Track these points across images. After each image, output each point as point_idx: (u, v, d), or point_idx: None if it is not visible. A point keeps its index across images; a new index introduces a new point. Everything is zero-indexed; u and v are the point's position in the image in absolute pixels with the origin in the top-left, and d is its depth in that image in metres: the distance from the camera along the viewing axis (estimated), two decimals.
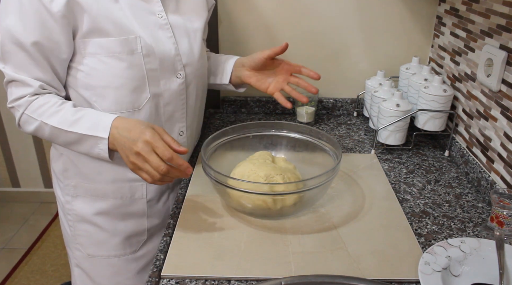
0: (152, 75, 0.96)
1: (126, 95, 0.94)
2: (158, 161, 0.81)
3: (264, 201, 0.91)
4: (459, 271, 0.79)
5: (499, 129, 1.03)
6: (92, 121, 0.90)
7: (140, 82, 0.94)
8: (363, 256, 0.85)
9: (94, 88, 0.93)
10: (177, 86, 1.01)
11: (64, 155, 1.04)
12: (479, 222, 0.97)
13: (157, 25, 0.96)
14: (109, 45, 0.90)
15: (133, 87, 0.94)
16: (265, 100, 1.54)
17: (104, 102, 0.94)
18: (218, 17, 1.44)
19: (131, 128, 0.85)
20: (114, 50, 0.90)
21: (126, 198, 1.06)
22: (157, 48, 0.95)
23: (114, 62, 0.91)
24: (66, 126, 0.89)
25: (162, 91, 0.98)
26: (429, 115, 1.23)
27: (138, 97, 0.96)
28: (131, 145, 0.83)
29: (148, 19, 0.95)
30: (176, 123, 1.05)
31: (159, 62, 0.96)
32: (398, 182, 1.12)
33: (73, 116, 0.90)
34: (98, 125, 0.89)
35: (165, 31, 0.97)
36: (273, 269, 0.81)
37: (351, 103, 1.54)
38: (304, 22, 1.44)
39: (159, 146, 0.81)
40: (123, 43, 0.91)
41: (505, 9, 1.01)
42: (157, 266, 0.82)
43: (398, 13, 1.42)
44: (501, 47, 1.02)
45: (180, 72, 1.00)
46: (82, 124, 0.89)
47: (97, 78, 0.92)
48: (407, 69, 1.38)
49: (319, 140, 1.08)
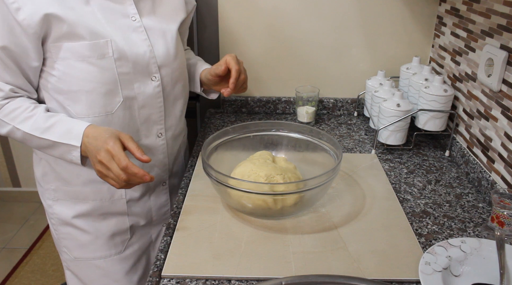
0: (124, 79, 0.95)
1: (98, 99, 0.93)
2: (118, 169, 0.84)
3: (264, 201, 0.91)
4: (460, 271, 0.79)
5: (499, 129, 1.03)
6: (64, 128, 0.90)
7: (112, 86, 0.93)
8: (364, 256, 0.85)
9: (67, 93, 0.92)
10: (152, 89, 0.99)
11: (43, 160, 1.04)
12: (480, 222, 0.97)
13: (130, 28, 0.95)
14: (79, 49, 0.89)
15: (104, 91, 0.93)
16: (266, 100, 1.54)
17: (77, 106, 0.93)
18: (219, 18, 1.44)
19: (97, 136, 0.87)
20: (84, 54, 0.89)
21: (105, 199, 1.06)
22: (129, 51, 0.94)
23: (85, 67, 0.90)
24: (38, 133, 0.90)
25: (136, 94, 0.97)
26: (430, 115, 1.23)
27: (111, 101, 0.95)
28: (95, 154, 0.86)
29: (120, 22, 0.94)
30: (154, 126, 1.04)
31: (132, 65, 0.95)
32: (399, 182, 1.12)
33: (45, 122, 0.90)
34: (71, 133, 0.89)
35: (139, 34, 0.96)
36: (273, 269, 0.81)
37: (351, 103, 1.54)
38: (305, 22, 1.44)
39: (115, 155, 0.84)
40: (93, 47, 0.89)
41: (505, 9, 1.01)
42: (157, 266, 0.82)
43: (399, 13, 1.42)
44: (501, 47, 1.02)
45: (155, 75, 0.99)
46: (54, 131, 0.90)
47: (68, 83, 0.91)
48: (407, 69, 1.38)
49: (319, 140, 1.08)
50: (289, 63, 1.50)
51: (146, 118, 1.02)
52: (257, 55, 1.49)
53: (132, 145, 0.87)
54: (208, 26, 1.46)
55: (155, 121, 1.04)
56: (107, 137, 0.86)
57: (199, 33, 1.48)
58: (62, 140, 0.89)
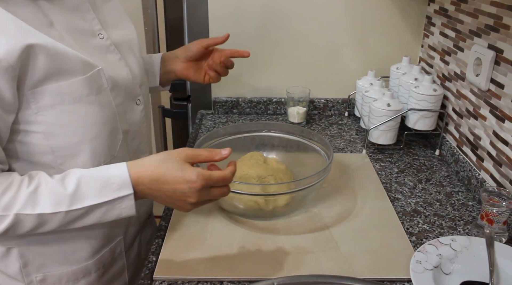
0: (120, 111, 0.79)
1: (102, 144, 0.75)
2: (219, 192, 0.72)
3: (256, 202, 0.91)
4: (450, 269, 0.79)
5: (488, 128, 1.04)
6: (97, 184, 0.68)
7: (114, 123, 0.77)
8: (355, 255, 0.85)
9: (62, 149, 0.71)
10: (138, 114, 0.85)
11: (15, 249, 0.77)
12: (470, 220, 0.97)
13: (103, 48, 0.77)
14: (74, 88, 0.69)
15: (108, 132, 0.76)
16: (257, 101, 1.54)
17: (76, 162, 0.73)
18: (209, 19, 1.44)
19: (157, 178, 0.68)
20: (82, 93, 0.70)
21: (107, 263, 0.88)
22: (117, 76, 0.77)
23: (84, 108, 0.71)
24: (65, 207, 0.66)
25: (129, 126, 0.82)
26: (420, 115, 1.24)
27: (113, 141, 0.78)
28: (183, 197, 0.69)
29: (92, 44, 0.76)
30: (140, 155, 0.89)
31: (124, 93, 0.79)
32: (390, 181, 1.13)
33: (64, 188, 0.67)
34: (111, 184, 0.68)
35: (113, 54, 0.79)
36: (265, 269, 0.81)
37: (342, 103, 1.54)
38: (295, 23, 1.44)
39: (210, 182, 0.69)
40: (90, 81, 0.71)
41: (492, 9, 1.02)
42: (149, 268, 0.82)
43: (388, 13, 1.43)
44: (489, 46, 1.03)
45: (138, 98, 0.85)
46: (87, 194, 0.67)
47: (64, 136, 0.70)
48: (397, 69, 1.39)
49: (310, 140, 1.08)
50: (280, 63, 1.50)
51: (136, 150, 0.87)
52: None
53: (204, 154, 0.72)
54: (198, 27, 1.46)
55: (142, 151, 0.90)
56: (176, 174, 0.68)
57: (189, 35, 1.47)
58: (105, 198, 0.68)
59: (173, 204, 0.71)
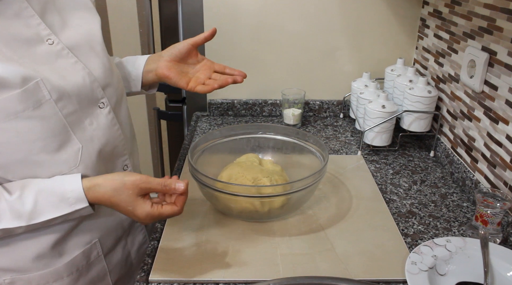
0: (73, 120, 0.74)
1: (52, 158, 0.72)
2: (170, 210, 0.75)
3: (251, 204, 0.91)
4: (445, 270, 0.80)
5: (482, 130, 1.05)
6: (53, 198, 0.70)
7: (63, 135, 0.72)
8: (351, 257, 0.85)
9: (9, 166, 0.70)
10: (103, 118, 0.80)
11: None
12: (464, 221, 0.98)
13: (52, 54, 0.73)
14: (7, 104, 0.65)
15: (56, 145, 0.72)
16: (252, 103, 1.54)
17: (31, 175, 0.72)
18: (204, 20, 1.44)
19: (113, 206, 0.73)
20: (16, 109, 0.66)
21: (82, 267, 0.84)
22: (67, 84, 0.72)
23: (21, 125, 0.67)
24: (25, 221, 0.69)
25: (91, 133, 0.78)
26: (414, 116, 1.25)
27: (69, 152, 0.74)
28: (133, 217, 0.75)
29: (37, 51, 0.71)
30: (119, 159, 0.87)
31: (77, 100, 0.74)
32: (385, 182, 1.13)
33: (22, 205, 0.69)
34: (66, 200, 0.71)
35: (66, 59, 0.75)
36: (261, 271, 0.81)
37: (337, 105, 1.55)
38: (290, 25, 1.44)
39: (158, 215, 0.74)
40: (25, 95, 0.66)
41: (486, 11, 1.02)
42: (144, 270, 0.82)
43: (383, 15, 1.43)
44: (483, 48, 1.04)
45: (102, 101, 0.80)
46: (43, 210, 0.70)
47: (6, 154, 0.68)
48: (392, 70, 1.40)
49: (305, 142, 1.09)
50: (275, 65, 1.50)
51: (110, 155, 0.83)
52: (243, 57, 1.49)
53: (156, 188, 0.74)
54: (193, 29, 1.46)
55: (118, 154, 0.86)
56: (127, 209, 0.73)
57: (185, 36, 1.47)
58: (62, 212, 0.71)
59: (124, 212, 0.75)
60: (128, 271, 0.97)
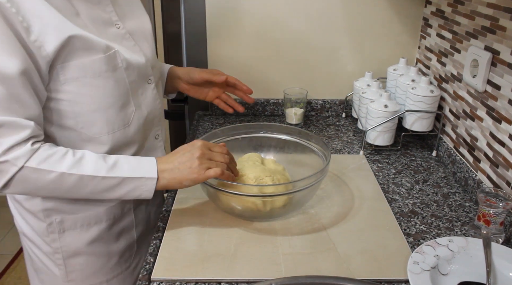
0: (133, 88, 0.92)
1: (116, 114, 0.90)
2: (219, 150, 0.91)
3: (253, 203, 0.91)
4: (447, 270, 0.79)
5: (485, 129, 1.05)
6: (132, 163, 0.85)
7: (126, 97, 0.91)
8: (353, 256, 0.85)
9: (82, 115, 0.86)
10: (150, 92, 0.99)
11: None
12: (467, 221, 0.98)
13: (119, 36, 0.91)
14: (95, 65, 0.83)
15: (121, 104, 0.90)
16: (254, 102, 1.54)
17: (94, 126, 0.88)
18: (206, 20, 1.44)
19: (172, 154, 0.90)
20: (101, 69, 0.84)
21: (117, 216, 1.00)
22: (131, 58, 0.91)
23: (102, 82, 0.85)
24: (104, 172, 0.82)
25: (141, 101, 0.96)
26: (417, 116, 1.25)
27: (126, 113, 0.92)
28: (190, 155, 0.87)
29: (110, 31, 0.90)
30: (155, 128, 1.03)
31: (137, 72, 0.93)
32: (387, 182, 1.13)
33: (106, 160, 0.84)
34: (143, 166, 0.85)
35: (128, 41, 0.93)
36: (263, 270, 0.81)
37: (339, 105, 1.55)
38: (293, 24, 1.44)
39: (210, 144, 0.91)
40: (107, 60, 0.85)
41: (489, 11, 1.02)
42: (147, 269, 0.82)
43: (386, 15, 1.43)
44: (486, 48, 1.04)
45: (150, 77, 0.98)
46: (122, 168, 0.84)
47: (84, 103, 0.85)
48: (394, 70, 1.39)
49: (308, 141, 1.08)
50: (277, 65, 1.50)
51: (151, 122, 1.01)
52: (245, 57, 1.49)
53: None
54: (196, 29, 1.46)
55: (155, 124, 1.03)
56: (182, 146, 0.90)
57: (187, 36, 1.47)
58: (135, 174, 0.84)
59: (184, 166, 0.86)
60: (146, 230, 1.10)
